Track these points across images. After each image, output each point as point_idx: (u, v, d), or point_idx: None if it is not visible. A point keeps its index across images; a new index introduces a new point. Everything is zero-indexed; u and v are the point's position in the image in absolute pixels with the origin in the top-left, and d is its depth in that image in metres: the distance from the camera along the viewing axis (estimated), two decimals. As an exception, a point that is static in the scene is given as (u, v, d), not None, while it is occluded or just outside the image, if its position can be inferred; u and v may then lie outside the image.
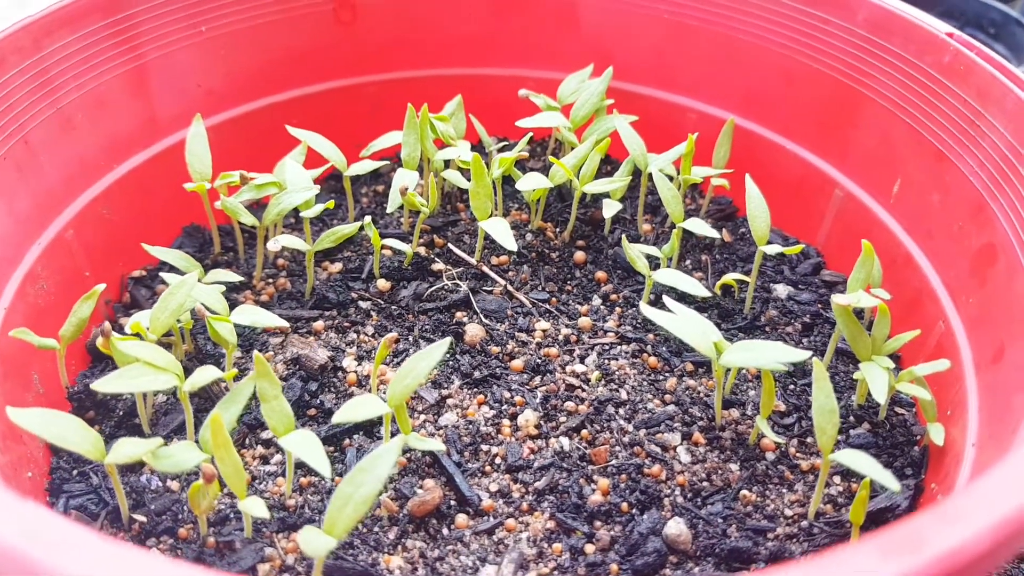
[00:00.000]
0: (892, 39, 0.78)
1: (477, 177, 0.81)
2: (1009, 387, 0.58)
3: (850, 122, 0.84)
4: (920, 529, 0.33)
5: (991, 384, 0.62)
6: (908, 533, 0.34)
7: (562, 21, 0.99)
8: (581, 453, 0.70)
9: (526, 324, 0.82)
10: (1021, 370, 0.56)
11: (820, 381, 0.59)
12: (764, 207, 0.77)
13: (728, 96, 0.95)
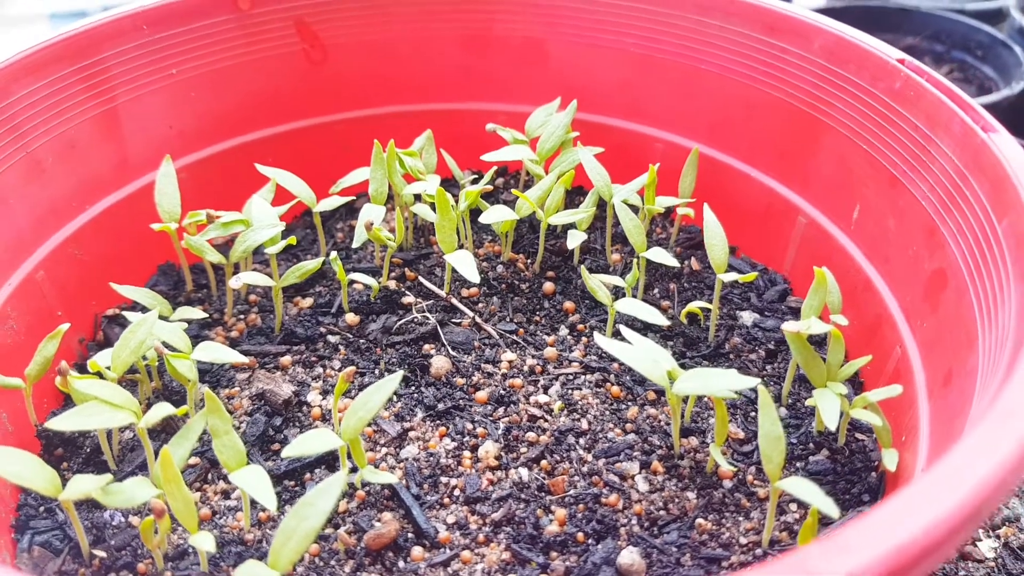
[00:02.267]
0: (847, 66, 0.79)
1: (442, 211, 0.82)
2: (954, 412, 0.57)
3: (810, 149, 0.84)
4: (805, 561, 0.33)
5: (940, 409, 0.62)
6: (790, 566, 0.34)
7: (531, 56, 1.01)
8: (540, 483, 0.70)
9: (493, 355, 0.82)
10: (964, 395, 0.56)
11: (765, 408, 0.59)
12: (722, 236, 0.78)
13: (694, 126, 0.96)
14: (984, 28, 1.71)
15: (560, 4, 0.97)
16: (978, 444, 0.38)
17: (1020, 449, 0.37)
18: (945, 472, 0.38)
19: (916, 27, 1.81)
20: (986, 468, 0.37)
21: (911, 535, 0.35)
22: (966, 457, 0.38)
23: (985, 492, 0.37)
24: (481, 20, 1.00)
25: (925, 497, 0.37)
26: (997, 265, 0.57)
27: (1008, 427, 0.38)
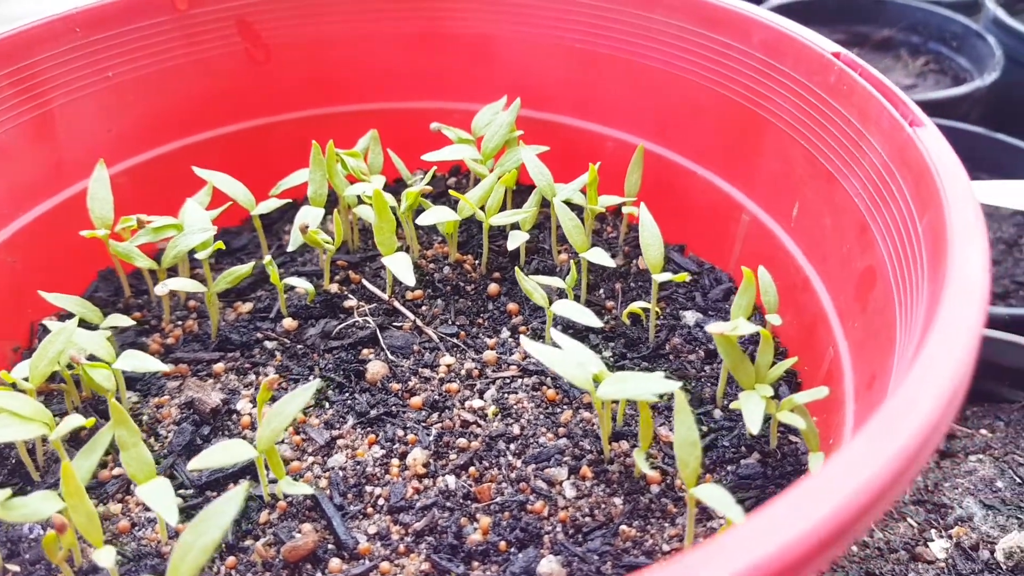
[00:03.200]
0: (785, 61, 0.77)
1: (380, 213, 0.81)
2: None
3: (753, 146, 0.83)
4: (687, 567, 0.32)
5: (863, 412, 0.60)
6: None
7: (479, 53, 0.99)
8: (466, 491, 0.68)
9: (432, 359, 0.81)
10: (882, 398, 0.55)
11: (681, 414, 0.58)
12: (657, 236, 0.76)
13: (642, 123, 0.94)
14: (959, 19, 1.69)
15: (505, 0, 0.96)
16: (856, 455, 0.37)
17: (893, 465, 0.36)
18: (822, 480, 0.36)
19: (892, 18, 1.79)
20: (858, 480, 0.36)
21: (785, 541, 0.34)
22: (845, 466, 0.37)
23: (860, 501, 0.36)
24: (428, 18, 0.98)
25: (797, 507, 0.35)
26: (916, 264, 0.55)
27: (883, 442, 0.37)
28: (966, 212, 0.51)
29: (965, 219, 0.50)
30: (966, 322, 0.42)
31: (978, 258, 0.47)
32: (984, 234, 0.49)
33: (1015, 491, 0.93)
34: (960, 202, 0.51)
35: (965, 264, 0.47)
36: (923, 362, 0.40)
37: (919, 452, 0.37)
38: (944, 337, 0.41)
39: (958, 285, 0.45)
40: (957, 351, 0.41)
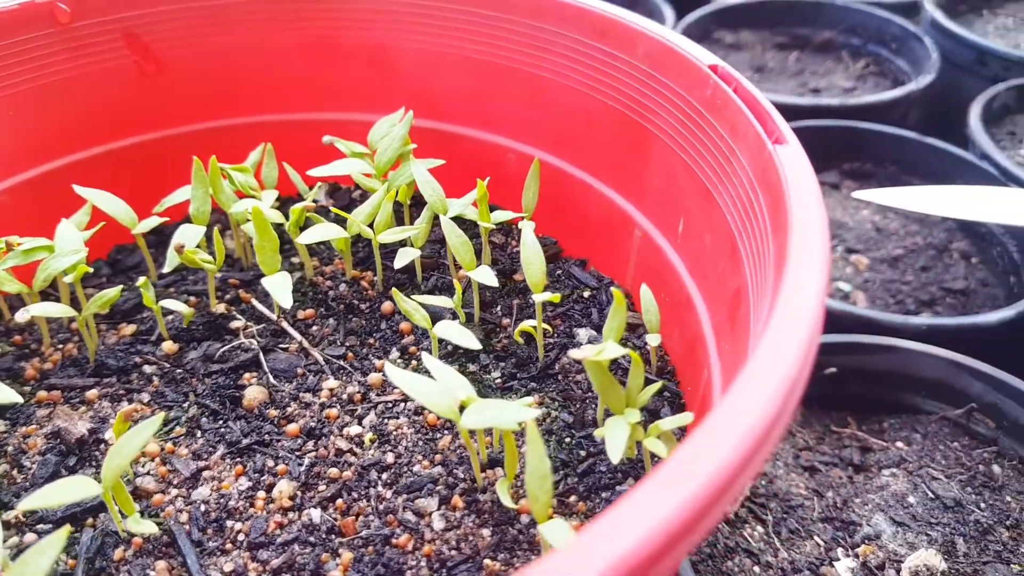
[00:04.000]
0: (667, 73, 0.75)
1: (260, 231, 0.78)
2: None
3: (642, 160, 0.80)
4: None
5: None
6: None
7: (378, 64, 0.97)
8: (331, 525, 0.66)
9: (315, 383, 0.79)
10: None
11: (532, 444, 0.55)
12: (539, 254, 0.74)
13: (541, 135, 0.92)
14: (897, 21, 1.68)
15: (402, 11, 0.93)
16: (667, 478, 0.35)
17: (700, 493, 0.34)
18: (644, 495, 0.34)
19: (832, 21, 1.78)
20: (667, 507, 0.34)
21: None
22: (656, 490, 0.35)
23: (680, 520, 0.34)
24: (323, 28, 0.96)
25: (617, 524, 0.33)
26: (766, 288, 0.53)
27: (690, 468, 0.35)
28: (808, 237, 0.49)
29: (805, 244, 0.48)
30: (784, 355, 0.40)
31: (812, 285, 0.45)
32: (823, 261, 0.47)
33: (927, 507, 0.91)
34: (804, 226, 0.49)
35: (797, 291, 0.45)
36: (728, 399, 0.38)
37: (712, 500, 0.35)
38: (754, 375, 0.39)
39: (785, 312, 0.43)
40: (767, 388, 0.38)
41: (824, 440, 1.02)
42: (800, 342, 0.41)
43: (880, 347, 1.00)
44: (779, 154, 0.57)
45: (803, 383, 0.42)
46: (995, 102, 1.45)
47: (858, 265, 1.26)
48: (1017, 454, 0.97)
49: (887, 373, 1.02)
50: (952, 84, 1.62)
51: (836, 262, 1.27)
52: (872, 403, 1.04)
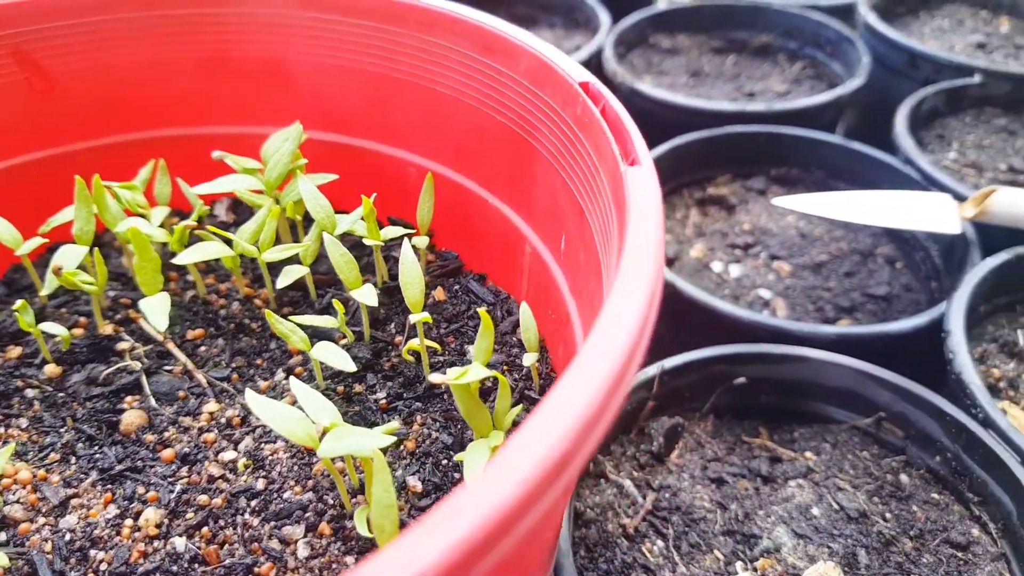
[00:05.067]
0: (545, 89, 0.74)
1: (139, 250, 0.77)
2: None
3: (530, 176, 0.80)
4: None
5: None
6: None
7: (275, 76, 0.95)
8: (194, 554, 0.65)
9: (195, 407, 0.77)
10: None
11: (379, 474, 0.55)
12: (417, 273, 0.73)
13: (440, 149, 0.91)
14: (832, 25, 1.68)
15: (298, 24, 0.92)
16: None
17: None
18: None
19: (770, 24, 1.78)
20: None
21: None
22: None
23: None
24: (220, 42, 0.94)
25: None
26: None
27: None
28: (637, 264, 0.48)
29: (632, 271, 0.47)
30: (591, 378, 0.40)
31: (628, 317, 0.44)
32: (645, 291, 0.46)
33: (830, 518, 0.91)
34: (634, 252, 0.49)
35: (613, 322, 0.44)
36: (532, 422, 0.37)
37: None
38: (557, 399, 0.39)
39: (594, 347, 0.42)
40: (565, 416, 0.38)
41: (734, 451, 1.01)
42: (603, 378, 0.40)
43: (788, 357, 1.00)
44: (630, 175, 0.57)
45: (609, 413, 0.41)
46: (924, 105, 1.46)
47: (780, 272, 1.26)
48: (925, 463, 0.97)
49: (797, 383, 1.02)
50: (887, 87, 1.63)
51: (759, 269, 1.27)
52: (784, 413, 1.04)
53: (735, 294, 1.23)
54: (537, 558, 0.59)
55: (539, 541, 0.53)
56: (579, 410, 0.39)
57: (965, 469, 0.92)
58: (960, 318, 1.02)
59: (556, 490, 0.38)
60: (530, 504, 0.36)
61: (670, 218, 1.37)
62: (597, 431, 0.40)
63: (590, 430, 0.39)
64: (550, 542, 0.60)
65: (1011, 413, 1.01)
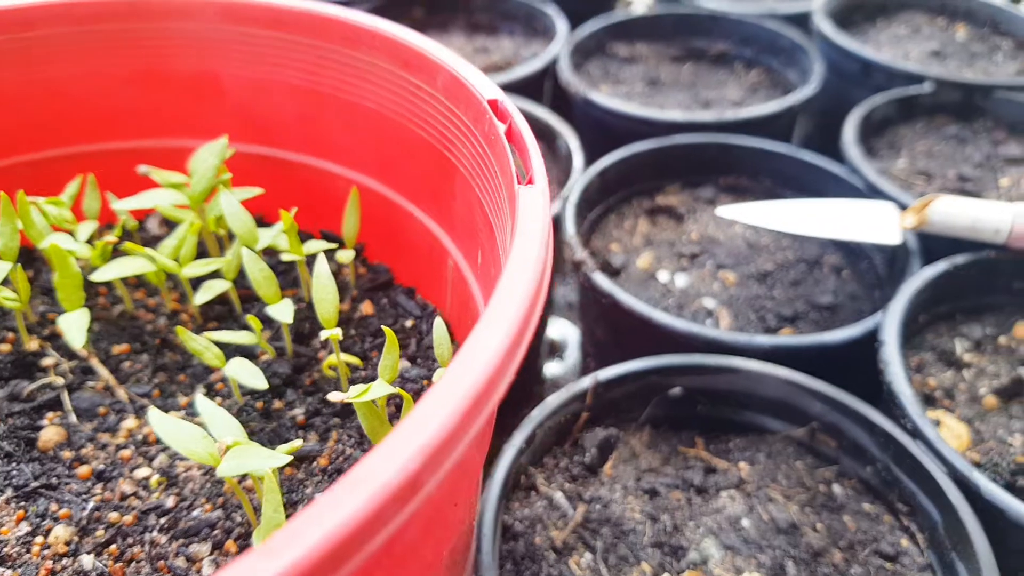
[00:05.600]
0: (459, 105, 0.74)
1: (59, 267, 0.77)
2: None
3: (450, 191, 0.80)
4: None
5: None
6: None
7: (207, 90, 0.95)
8: (101, 571, 0.65)
9: (115, 423, 0.77)
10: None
11: (269, 494, 0.55)
12: (331, 289, 0.73)
13: (368, 163, 0.91)
14: (786, 33, 1.69)
15: (226, 37, 0.92)
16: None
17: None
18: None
19: (727, 33, 1.79)
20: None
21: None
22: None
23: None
24: (150, 55, 0.94)
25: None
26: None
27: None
28: (509, 287, 0.48)
29: (503, 295, 0.47)
30: (443, 404, 0.40)
31: (495, 339, 0.44)
32: (514, 317, 0.46)
33: (760, 529, 0.92)
34: (513, 274, 0.49)
35: (481, 345, 0.44)
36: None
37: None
38: (415, 420, 0.39)
39: (456, 369, 0.43)
40: (417, 440, 0.38)
41: (670, 461, 1.02)
42: (463, 397, 0.41)
43: (722, 368, 1.00)
44: (522, 194, 0.57)
45: (463, 440, 0.41)
46: (874, 113, 1.47)
47: (726, 281, 1.27)
48: (857, 474, 0.97)
49: (732, 393, 1.02)
50: (842, 95, 1.64)
51: (705, 279, 1.27)
52: (720, 423, 1.05)
53: (680, 304, 1.23)
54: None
55: (415, 558, 0.53)
56: (426, 438, 0.39)
57: (895, 480, 0.93)
58: (894, 329, 1.02)
59: (406, 511, 0.38)
60: (375, 525, 0.36)
61: (619, 228, 1.38)
62: (451, 455, 0.41)
63: (441, 454, 0.39)
64: (438, 559, 0.61)
65: (945, 423, 1.02)
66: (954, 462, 0.88)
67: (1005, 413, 1.05)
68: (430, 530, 0.54)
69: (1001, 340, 1.14)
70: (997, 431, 1.02)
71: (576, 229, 1.25)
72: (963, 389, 1.07)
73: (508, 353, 0.44)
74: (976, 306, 1.17)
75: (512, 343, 0.45)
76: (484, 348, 0.44)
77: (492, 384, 0.43)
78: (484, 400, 0.42)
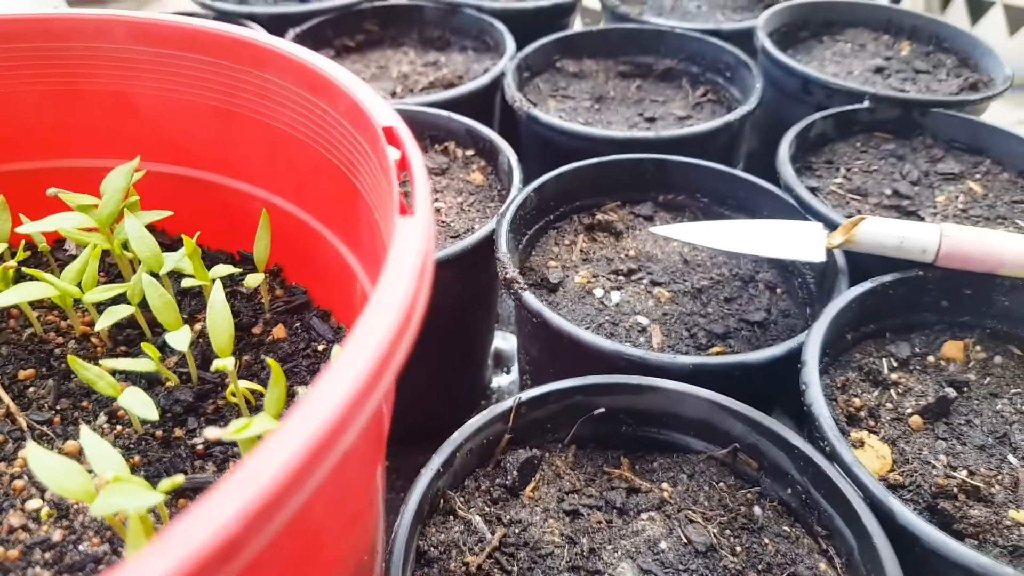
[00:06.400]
0: (359, 130, 0.74)
1: (-46, 294, 0.75)
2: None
3: (355, 215, 0.79)
4: None
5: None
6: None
7: (122, 110, 0.94)
8: (-21, 609, 0.63)
9: (11, 452, 0.76)
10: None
11: (133, 536, 0.54)
12: (226, 317, 0.72)
13: (282, 185, 0.90)
14: (730, 49, 1.70)
15: (141, 57, 0.91)
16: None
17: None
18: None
19: (674, 49, 1.79)
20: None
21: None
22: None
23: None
24: (63, 75, 0.93)
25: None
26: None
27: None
28: (376, 321, 0.48)
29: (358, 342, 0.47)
30: (285, 447, 0.39)
31: (340, 388, 0.44)
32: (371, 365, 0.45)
33: (678, 552, 0.91)
34: (367, 323, 0.48)
35: (335, 380, 0.44)
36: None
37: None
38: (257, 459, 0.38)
39: (303, 409, 0.42)
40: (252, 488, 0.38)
41: (594, 482, 1.01)
42: (295, 456, 0.40)
43: (644, 387, 1.00)
44: (399, 226, 0.56)
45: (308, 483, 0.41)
46: (812, 130, 1.48)
47: (660, 298, 1.27)
48: (778, 495, 0.97)
49: (656, 413, 1.02)
50: (785, 112, 1.65)
51: (639, 295, 1.27)
52: (646, 442, 1.04)
53: (615, 321, 1.23)
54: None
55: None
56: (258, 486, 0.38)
57: (814, 502, 0.93)
58: (815, 350, 1.02)
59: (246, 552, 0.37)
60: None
61: (559, 244, 1.38)
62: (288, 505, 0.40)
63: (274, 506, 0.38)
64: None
65: (869, 444, 1.02)
66: (870, 486, 0.88)
67: (931, 433, 1.05)
68: (307, 558, 0.53)
69: (929, 359, 1.15)
70: (921, 452, 1.02)
71: (510, 246, 1.25)
72: (889, 409, 1.08)
73: (355, 403, 0.43)
74: (905, 324, 1.18)
75: (360, 393, 0.44)
76: (324, 400, 0.43)
77: (333, 436, 0.42)
78: (321, 457, 0.41)
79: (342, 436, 0.42)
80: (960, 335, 1.17)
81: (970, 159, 1.50)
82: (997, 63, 1.66)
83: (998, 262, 1.12)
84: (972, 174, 1.47)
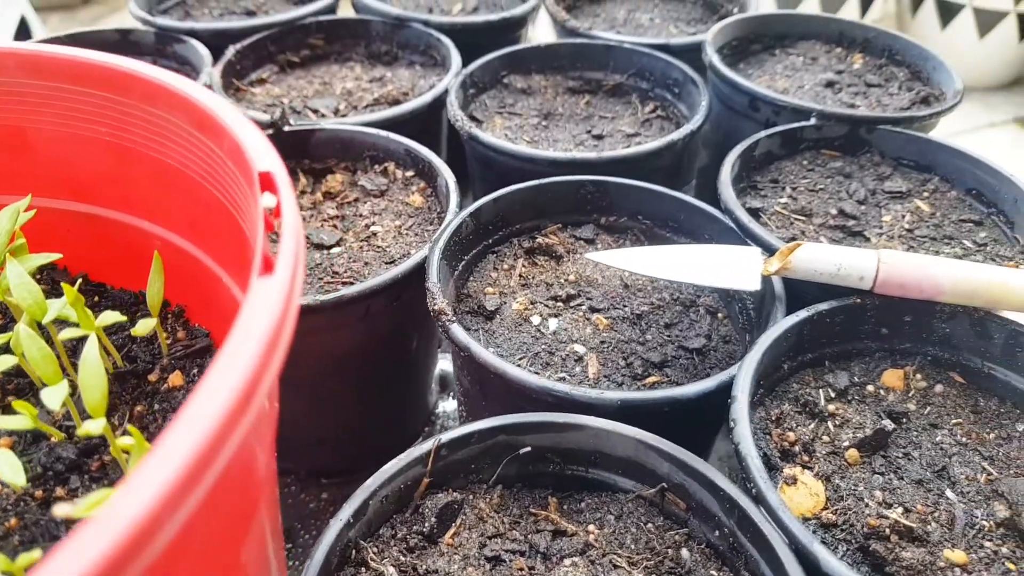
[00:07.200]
0: (242, 172, 0.70)
1: None
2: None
3: (245, 258, 0.75)
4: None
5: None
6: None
7: (15, 145, 0.90)
8: None
9: None
10: None
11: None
12: (99, 375, 0.68)
13: (178, 223, 0.86)
14: (678, 65, 1.67)
15: (34, 91, 0.87)
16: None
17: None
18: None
19: (622, 65, 1.76)
20: None
21: None
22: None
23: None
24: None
25: None
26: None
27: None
28: (219, 383, 0.44)
29: (186, 422, 0.43)
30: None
31: (160, 475, 0.40)
32: (196, 449, 0.42)
33: (600, 599, 0.88)
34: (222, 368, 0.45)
35: (144, 480, 0.40)
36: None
37: None
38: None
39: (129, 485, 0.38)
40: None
41: (519, 524, 0.98)
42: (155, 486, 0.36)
43: (568, 425, 0.97)
44: (254, 286, 0.53)
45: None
46: (757, 149, 1.45)
47: (598, 325, 1.23)
48: (706, 538, 0.94)
49: (582, 451, 0.99)
50: (734, 129, 1.62)
51: (577, 322, 1.24)
52: (574, 481, 1.01)
53: (551, 349, 1.20)
54: None
55: None
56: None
57: (741, 546, 0.90)
58: (747, 382, 0.99)
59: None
60: None
61: (498, 269, 1.34)
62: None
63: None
64: None
65: (801, 480, 0.99)
66: (795, 532, 0.85)
67: (867, 467, 1.02)
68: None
69: (868, 388, 1.12)
70: (856, 488, 0.99)
71: (444, 274, 1.21)
72: (825, 442, 1.05)
73: (169, 501, 0.39)
74: (844, 352, 1.15)
75: (182, 482, 0.40)
76: (144, 488, 0.39)
77: (146, 532, 0.38)
78: (157, 523, 0.37)
79: (160, 529, 0.39)
80: (900, 363, 1.14)
81: (918, 176, 1.48)
82: (948, 76, 1.64)
83: (937, 289, 1.09)
84: (920, 192, 1.45)
